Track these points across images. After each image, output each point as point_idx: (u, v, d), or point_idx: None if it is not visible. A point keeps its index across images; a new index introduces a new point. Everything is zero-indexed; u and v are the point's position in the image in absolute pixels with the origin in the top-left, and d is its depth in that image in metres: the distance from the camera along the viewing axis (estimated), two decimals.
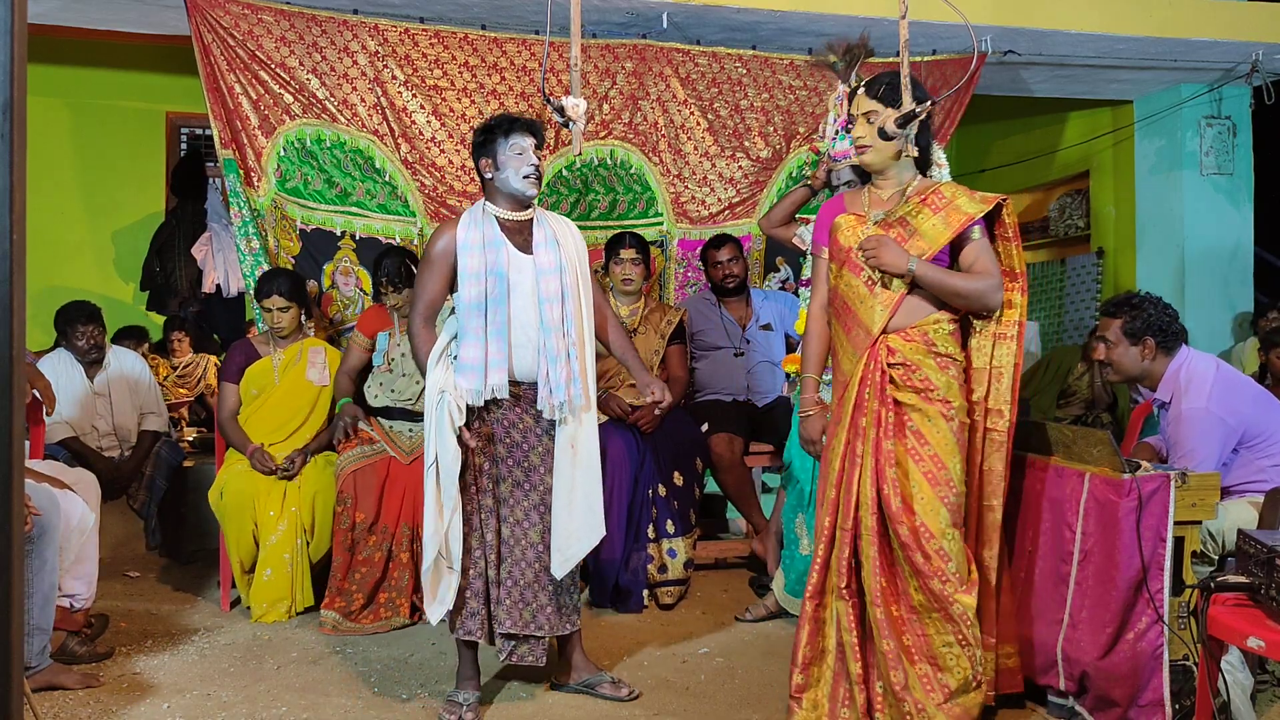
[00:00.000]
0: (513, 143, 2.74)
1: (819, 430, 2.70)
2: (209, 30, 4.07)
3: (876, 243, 2.48)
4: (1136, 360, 2.99)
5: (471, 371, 2.65)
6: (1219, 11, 4.97)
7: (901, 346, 2.48)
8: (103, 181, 6.56)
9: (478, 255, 2.69)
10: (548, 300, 2.71)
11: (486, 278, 2.68)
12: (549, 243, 2.76)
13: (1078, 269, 6.69)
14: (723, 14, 4.50)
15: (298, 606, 3.59)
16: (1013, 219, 2.60)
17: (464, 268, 2.69)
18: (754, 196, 4.91)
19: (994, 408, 2.58)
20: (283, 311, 3.80)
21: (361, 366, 3.89)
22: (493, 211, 2.78)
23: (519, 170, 2.73)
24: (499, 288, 2.68)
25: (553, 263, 2.74)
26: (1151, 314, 2.97)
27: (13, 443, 1.05)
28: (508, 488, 2.74)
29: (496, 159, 2.75)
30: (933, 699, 2.38)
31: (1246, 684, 2.50)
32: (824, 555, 2.51)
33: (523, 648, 2.74)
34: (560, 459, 2.72)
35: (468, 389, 2.64)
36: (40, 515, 2.69)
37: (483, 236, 2.71)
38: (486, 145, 2.77)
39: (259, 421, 3.80)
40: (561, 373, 2.67)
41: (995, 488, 2.59)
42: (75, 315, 4.15)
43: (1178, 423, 2.90)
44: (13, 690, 1.05)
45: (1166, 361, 2.98)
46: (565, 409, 2.69)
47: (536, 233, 2.78)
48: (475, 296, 2.67)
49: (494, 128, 2.77)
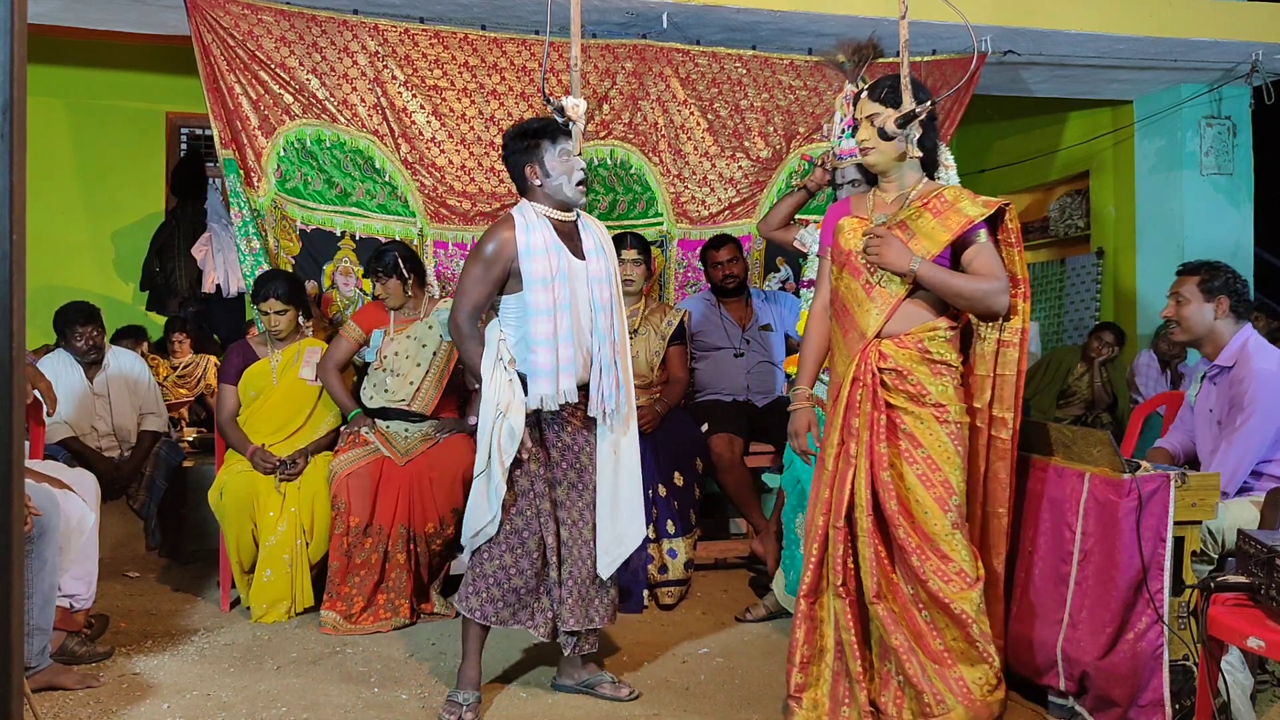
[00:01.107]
0: (561, 148, 2.71)
1: (804, 424, 2.70)
2: (209, 30, 4.07)
3: (880, 240, 2.48)
4: (1207, 318, 3.04)
5: (545, 377, 2.63)
6: (1219, 11, 4.97)
7: (894, 352, 2.48)
8: (103, 181, 6.56)
9: (542, 260, 2.64)
10: (602, 308, 2.72)
11: (554, 283, 2.65)
12: (598, 250, 2.76)
13: (1078, 269, 6.69)
14: (723, 14, 4.50)
15: (298, 607, 3.59)
16: (1015, 224, 2.58)
17: (531, 272, 2.64)
18: (754, 197, 4.91)
19: (998, 415, 2.57)
20: (280, 314, 3.80)
21: (348, 359, 3.88)
22: (543, 212, 2.74)
23: (571, 177, 2.71)
24: (564, 292, 2.66)
25: (604, 270, 2.74)
26: (1229, 277, 3.06)
27: (13, 443, 1.05)
28: (564, 490, 2.77)
29: (544, 165, 2.72)
30: (952, 691, 2.38)
31: (1246, 684, 2.49)
32: (818, 554, 2.51)
33: (585, 641, 2.82)
34: (603, 464, 2.76)
35: (545, 394, 2.63)
36: (40, 515, 2.69)
37: (544, 241, 2.67)
38: (531, 151, 2.72)
39: (258, 423, 3.80)
40: (611, 379, 2.70)
41: (1000, 495, 2.59)
42: (74, 316, 4.15)
43: (1243, 382, 2.92)
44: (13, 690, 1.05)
45: (1233, 328, 3.04)
46: (614, 415, 2.72)
47: (585, 239, 2.76)
48: (546, 303, 2.63)
49: (538, 133, 2.72)
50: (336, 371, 3.84)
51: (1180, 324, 3.09)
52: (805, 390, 2.72)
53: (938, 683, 2.39)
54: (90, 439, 4.20)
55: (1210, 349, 3.07)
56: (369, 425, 3.72)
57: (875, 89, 2.58)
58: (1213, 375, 3.09)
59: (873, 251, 2.49)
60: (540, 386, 2.64)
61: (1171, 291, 3.15)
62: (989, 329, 2.58)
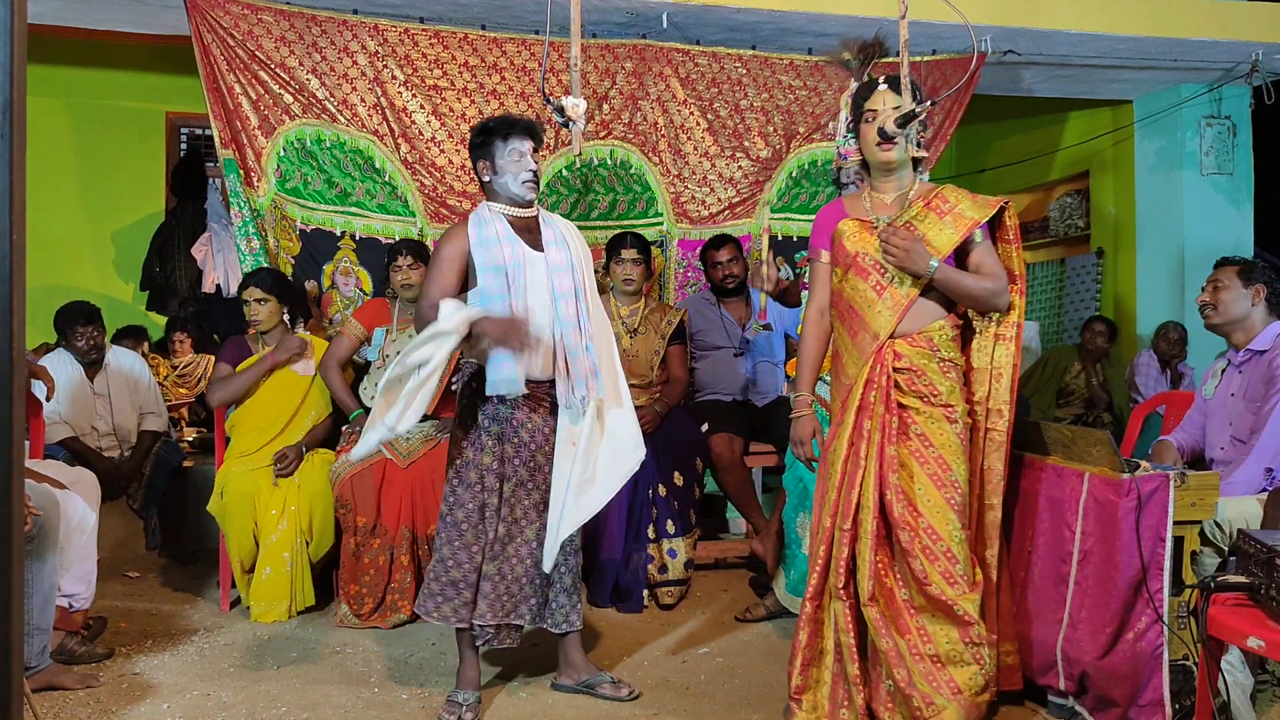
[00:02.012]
0: (511, 147, 2.73)
1: (808, 432, 2.70)
2: (209, 30, 4.07)
3: (902, 241, 2.46)
4: (1245, 304, 3.10)
5: (503, 362, 2.62)
6: (1219, 11, 4.97)
7: (907, 351, 2.49)
8: (103, 181, 6.56)
9: (495, 249, 2.68)
10: (563, 296, 2.71)
11: (507, 270, 2.67)
12: (558, 241, 2.78)
13: (1077, 269, 6.69)
14: (723, 14, 4.50)
15: (298, 606, 3.59)
16: (1014, 222, 2.64)
17: (482, 262, 2.67)
18: (754, 196, 4.91)
19: (994, 408, 2.60)
20: (260, 303, 3.76)
21: (349, 356, 3.87)
22: (499, 210, 2.78)
23: (517, 175, 2.74)
24: (518, 280, 2.68)
25: (564, 260, 2.74)
26: (1268, 271, 3.15)
27: (13, 443, 1.05)
28: (511, 487, 2.75)
29: (495, 162, 2.75)
30: (941, 692, 2.38)
31: (1246, 684, 2.49)
32: (824, 557, 2.50)
33: (501, 633, 2.77)
34: (561, 457, 2.71)
35: (504, 379, 2.62)
36: (40, 515, 2.69)
37: (496, 232, 2.71)
38: (484, 148, 2.76)
39: (250, 420, 3.79)
40: (582, 366, 2.68)
41: (995, 487, 2.61)
42: (74, 316, 4.14)
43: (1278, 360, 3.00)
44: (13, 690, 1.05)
45: (1266, 319, 3.12)
46: (586, 403, 2.69)
47: (545, 231, 2.79)
48: (499, 289, 2.66)
49: (492, 130, 2.76)
50: (338, 369, 3.83)
51: (1216, 307, 3.14)
52: (807, 396, 2.71)
53: (925, 686, 2.39)
54: (90, 439, 4.20)
55: (1241, 336, 3.13)
56: None
57: (896, 81, 2.57)
58: (1242, 362, 3.12)
59: (895, 252, 2.48)
60: (502, 371, 2.63)
61: (1210, 280, 3.20)
62: (986, 323, 2.63)
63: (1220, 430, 3.12)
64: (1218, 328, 3.17)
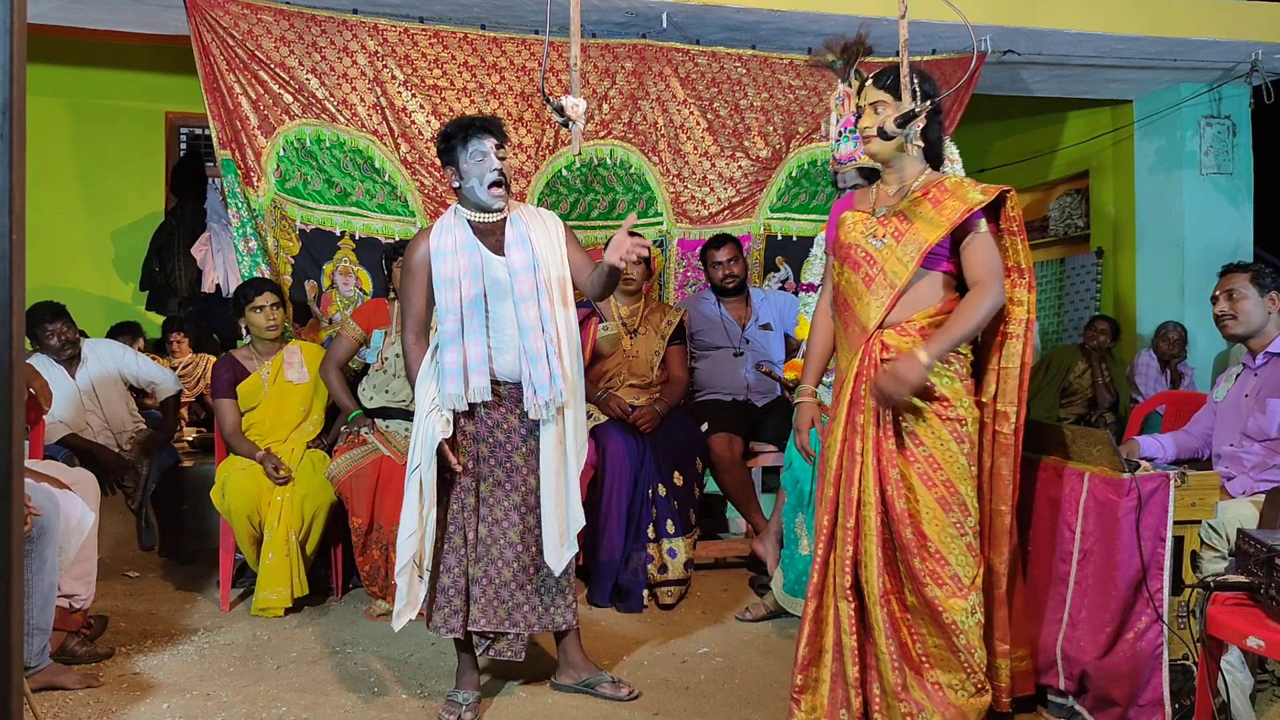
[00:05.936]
0: (473, 149, 2.70)
1: (808, 420, 2.69)
2: (209, 30, 4.07)
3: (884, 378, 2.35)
4: (1263, 311, 3.11)
5: (451, 376, 2.65)
6: (1219, 11, 4.97)
7: (896, 342, 2.42)
8: (103, 181, 6.56)
9: (450, 260, 2.69)
10: (523, 300, 2.69)
11: (461, 282, 2.68)
12: (520, 242, 2.74)
13: (1077, 269, 6.70)
14: (723, 14, 4.50)
15: (295, 592, 3.61)
16: (1017, 211, 2.50)
17: (438, 274, 2.70)
18: (754, 196, 4.91)
19: (1001, 410, 2.50)
20: (275, 308, 3.81)
21: (348, 358, 3.88)
22: (464, 215, 2.77)
23: (482, 178, 2.70)
24: (474, 290, 2.68)
25: (525, 261, 2.72)
26: (1277, 276, 3.16)
27: (13, 443, 1.05)
28: (488, 487, 2.74)
29: (460, 168, 2.73)
30: (931, 699, 2.37)
31: (1246, 684, 2.50)
32: (824, 554, 2.48)
33: (500, 643, 2.76)
34: (547, 459, 2.71)
35: (451, 394, 2.65)
36: (40, 515, 2.69)
37: (454, 241, 2.71)
38: (448, 154, 2.74)
39: (258, 433, 3.84)
40: (543, 372, 2.67)
41: (1003, 492, 2.51)
42: (41, 315, 4.05)
43: None
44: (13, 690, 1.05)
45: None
46: (550, 408, 2.68)
47: (509, 232, 2.76)
48: (451, 302, 2.68)
49: (451, 136, 2.73)
50: (338, 370, 3.83)
51: (1237, 317, 3.13)
52: (810, 387, 2.71)
53: (917, 692, 2.37)
54: (87, 434, 4.18)
55: (1258, 342, 3.13)
56: (369, 426, 3.72)
57: (881, 77, 2.53)
58: (1260, 366, 3.12)
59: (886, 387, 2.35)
60: (448, 386, 2.64)
61: (1221, 289, 3.19)
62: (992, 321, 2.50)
63: (1230, 430, 3.12)
64: (1237, 337, 3.16)
